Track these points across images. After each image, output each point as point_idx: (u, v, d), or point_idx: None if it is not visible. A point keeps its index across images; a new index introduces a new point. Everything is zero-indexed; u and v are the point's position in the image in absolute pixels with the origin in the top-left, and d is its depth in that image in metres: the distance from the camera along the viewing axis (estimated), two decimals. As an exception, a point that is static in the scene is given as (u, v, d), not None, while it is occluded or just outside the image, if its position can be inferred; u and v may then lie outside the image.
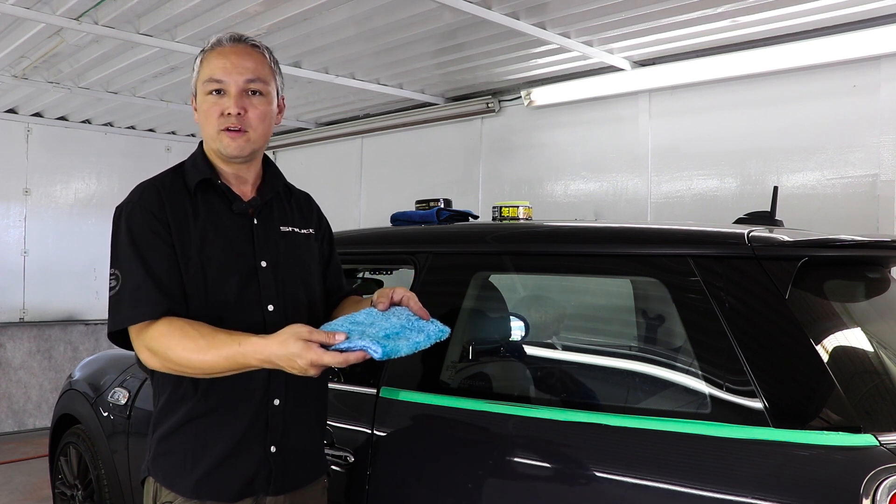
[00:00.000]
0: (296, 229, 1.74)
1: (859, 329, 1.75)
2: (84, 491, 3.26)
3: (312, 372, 1.38)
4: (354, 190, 6.34)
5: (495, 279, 2.44)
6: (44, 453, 4.48)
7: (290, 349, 1.36)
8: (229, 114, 1.59)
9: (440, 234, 2.47)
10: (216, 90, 1.61)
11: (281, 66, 1.73)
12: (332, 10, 3.74)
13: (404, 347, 1.40)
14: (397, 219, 2.80)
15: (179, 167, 1.70)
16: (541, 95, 4.85)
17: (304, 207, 1.82)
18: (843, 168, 3.66)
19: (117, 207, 1.62)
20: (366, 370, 3.16)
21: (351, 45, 4.29)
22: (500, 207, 2.65)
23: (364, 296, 1.85)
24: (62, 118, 6.40)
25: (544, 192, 4.93)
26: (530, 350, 2.55)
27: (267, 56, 1.67)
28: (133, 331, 1.53)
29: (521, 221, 2.57)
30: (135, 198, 1.61)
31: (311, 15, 3.79)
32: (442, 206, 2.80)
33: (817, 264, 1.74)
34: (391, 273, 3.35)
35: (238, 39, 1.64)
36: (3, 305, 6.19)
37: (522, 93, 4.93)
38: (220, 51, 1.63)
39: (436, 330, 1.49)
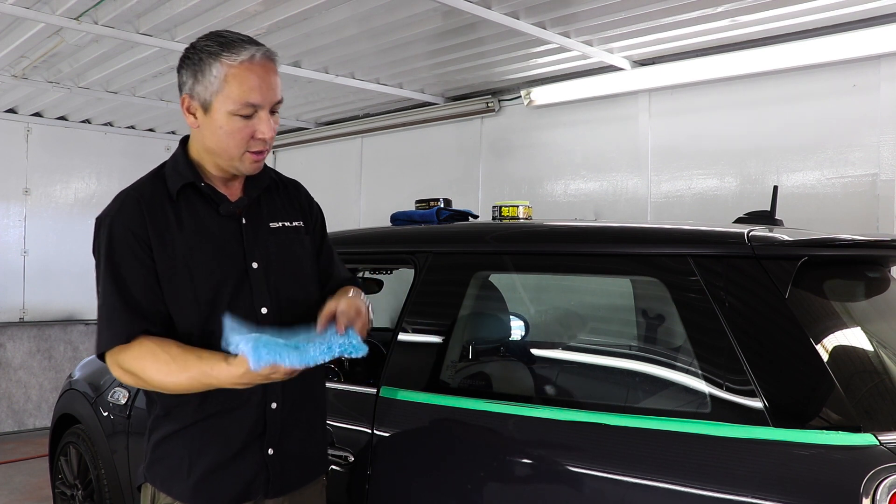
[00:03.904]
0: (286, 223, 1.69)
1: (859, 329, 1.75)
2: (84, 491, 3.25)
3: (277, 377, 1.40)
4: (354, 190, 6.34)
5: (495, 279, 2.44)
6: (44, 453, 4.48)
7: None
8: (262, 138, 1.53)
9: (440, 233, 2.47)
10: (250, 115, 1.51)
11: (281, 66, 1.71)
12: (332, 10, 3.74)
13: (312, 356, 1.40)
14: (397, 218, 2.80)
15: (160, 171, 1.65)
16: (541, 95, 4.85)
17: (292, 197, 1.76)
18: (843, 167, 3.66)
19: (97, 218, 1.59)
20: (366, 370, 3.16)
21: (351, 45, 4.29)
22: (500, 207, 2.65)
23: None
24: (62, 118, 6.39)
25: (544, 192, 4.93)
26: (530, 350, 2.56)
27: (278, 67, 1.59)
28: (107, 351, 1.53)
29: (521, 221, 2.57)
30: (114, 211, 1.57)
31: (311, 15, 3.79)
32: (442, 205, 2.80)
33: (817, 264, 1.74)
34: (391, 273, 3.35)
35: (270, 58, 1.54)
36: (3, 305, 6.19)
37: (522, 92, 4.93)
38: (254, 69, 1.50)
39: (345, 344, 1.44)
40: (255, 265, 1.60)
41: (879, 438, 1.44)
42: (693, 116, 4.23)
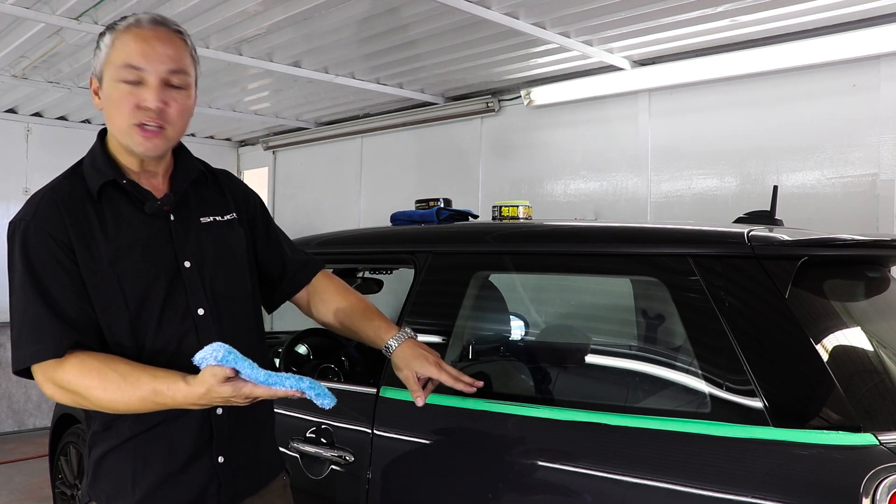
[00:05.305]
0: (217, 218, 1.58)
1: (859, 329, 1.75)
2: (84, 491, 3.26)
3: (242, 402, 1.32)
4: (354, 190, 6.34)
5: (495, 279, 2.44)
6: (44, 453, 4.48)
7: (219, 393, 1.29)
8: (146, 108, 1.42)
9: (440, 233, 2.47)
10: (133, 80, 1.41)
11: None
12: (332, 10, 3.74)
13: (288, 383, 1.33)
14: (397, 218, 2.80)
15: (77, 169, 1.53)
16: (540, 95, 4.85)
17: (223, 188, 1.65)
18: (843, 167, 3.66)
19: (11, 223, 1.46)
20: (366, 370, 3.15)
21: (351, 45, 4.28)
22: (500, 207, 2.65)
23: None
24: (62, 118, 6.40)
25: (544, 192, 4.93)
26: (530, 349, 2.56)
27: (189, 43, 1.49)
28: (36, 365, 1.40)
29: (521, 221, 2.57)
30: (29, 214, 1.44)
31: (310, 15, 3.79)
32: (442, 205, 2.80)
33: (817, 264, 1.74)
34: (391, 273, 3.35)
35: (160, 22, 1.45)
36: (3, 305, 6.15)
37: (522, 92, 4.93)
38: (139, 33, 1.42)
39: (315, 386, 1.35)
40: (187, 264, 1.50)
41: (879, 438, 1.44)
42: (693, 116, 4.23)
